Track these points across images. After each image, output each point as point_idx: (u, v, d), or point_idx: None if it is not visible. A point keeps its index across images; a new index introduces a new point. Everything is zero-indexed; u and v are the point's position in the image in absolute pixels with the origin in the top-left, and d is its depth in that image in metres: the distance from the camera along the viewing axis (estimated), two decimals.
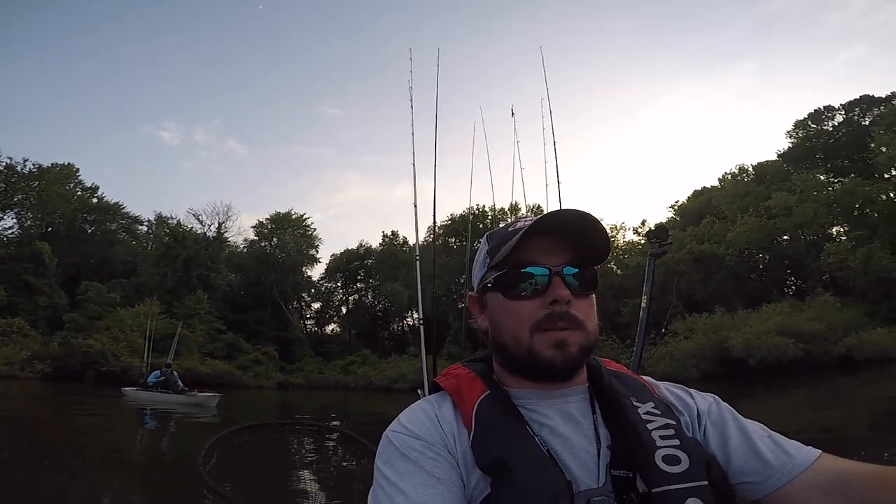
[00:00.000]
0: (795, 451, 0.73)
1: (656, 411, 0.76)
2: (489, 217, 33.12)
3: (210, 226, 42.56)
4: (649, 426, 0.73)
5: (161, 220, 42.03)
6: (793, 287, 30.21)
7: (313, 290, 48.52)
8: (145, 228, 45.10)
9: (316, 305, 49.16)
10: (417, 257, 2.67)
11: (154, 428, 12.86)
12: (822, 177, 29.64)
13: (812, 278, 27.59)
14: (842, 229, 27.60)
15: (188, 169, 72.69)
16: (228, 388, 19.58)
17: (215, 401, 15.53)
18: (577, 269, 0.77)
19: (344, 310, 47.40)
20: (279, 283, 42.13)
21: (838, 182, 28.25)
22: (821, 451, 0.73)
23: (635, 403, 0.77)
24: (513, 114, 3.83)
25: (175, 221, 41.15)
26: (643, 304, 2.80)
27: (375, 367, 32.50)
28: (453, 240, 37.93)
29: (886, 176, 26.20)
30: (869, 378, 16.36)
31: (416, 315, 43.87)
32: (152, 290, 35.96)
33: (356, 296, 47.30)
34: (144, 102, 74.38)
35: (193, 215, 42.14)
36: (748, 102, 70.97)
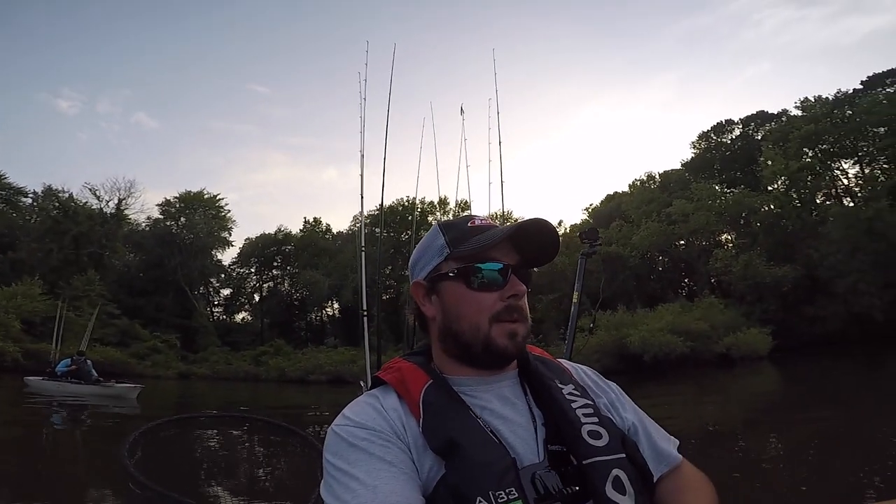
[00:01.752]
0: (673, 445, 0.90)
1: (576, 392, 0.84)
2: (419, 209, 33.13)
3: (108, 202, 38.66)
4: (573, 405, 0.80)
5: (50, 192, 37.36)
6: (685, 288, 33.26)
7: (223, 276, 45.66)
8: (30, 201, 39.91)
9: (225, 292, 46.45)
10: (363, 248, 2.64)
11: (61, 422, 11.56)
12: (717, 187, 32.45)
13: (702, 281, 30.54)
14: (729, 236, 30.81)
15: (85, 141, 64.98)
16: (121, 379, 18.12)
17: (136, 392, 14.48)
18: (522, 269, 0.86)
19: (257, 297, 45.18)
20: (184, 266, 39.21)
21: (730, 192, 31.17)
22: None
23: (559, 385, 0.84)
24: (462, 111, 3.88)
25: (67, 195, 36.86)
26: (574, 300, 3.00)
27: (290, 358, 31.37)
28: (377, 230, 37.29)
29: (770, 188, 29.19)
30: (743, 374, 18.33)
31: (336, 305, 42.47)
32: (33, 267, 31.98)
33: (271, 283, 45.26)
34: (42, 66, 65.04)
35: (89, 189, 38.06)
36: (666, 112, 74.77)
